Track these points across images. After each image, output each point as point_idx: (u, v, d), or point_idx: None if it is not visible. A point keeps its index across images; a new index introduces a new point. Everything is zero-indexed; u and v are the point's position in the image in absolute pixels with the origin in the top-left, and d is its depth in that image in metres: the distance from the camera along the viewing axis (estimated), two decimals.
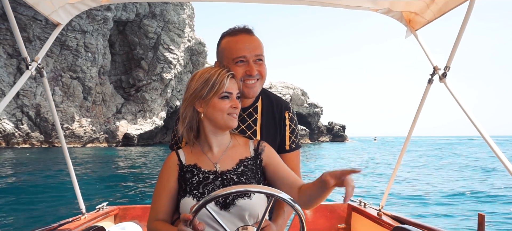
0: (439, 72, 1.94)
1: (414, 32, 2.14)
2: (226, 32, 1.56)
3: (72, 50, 33.83)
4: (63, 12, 2.01)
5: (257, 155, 1.43)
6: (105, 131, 37.99)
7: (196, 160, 1.40)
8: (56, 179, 11.33)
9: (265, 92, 1.71)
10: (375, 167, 19.27)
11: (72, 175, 2.41)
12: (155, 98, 42.58)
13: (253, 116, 1.63)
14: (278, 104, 1.68)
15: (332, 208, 2.92)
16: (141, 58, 41.62)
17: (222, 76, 1.33)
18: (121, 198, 8.64)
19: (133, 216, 2.76)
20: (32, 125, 31.68)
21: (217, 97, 1.33)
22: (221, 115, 1.34)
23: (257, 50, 1.50)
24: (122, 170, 15.28)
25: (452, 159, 25.29)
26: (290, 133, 1.66)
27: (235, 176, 1.34)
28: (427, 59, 2.06)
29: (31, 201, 7.82)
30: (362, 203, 2.82)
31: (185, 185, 1.34)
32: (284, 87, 64.64)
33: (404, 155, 2.45)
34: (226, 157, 1.40)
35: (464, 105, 1.78)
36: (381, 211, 2.51)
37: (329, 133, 70.37)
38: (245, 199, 1.25)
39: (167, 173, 1.39)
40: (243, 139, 1.50)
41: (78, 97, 35.43)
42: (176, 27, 42.85)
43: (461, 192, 10.45)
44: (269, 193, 1.05)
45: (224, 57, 1.51)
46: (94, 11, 33.72)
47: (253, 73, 1.47)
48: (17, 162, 17.41)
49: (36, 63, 1.90)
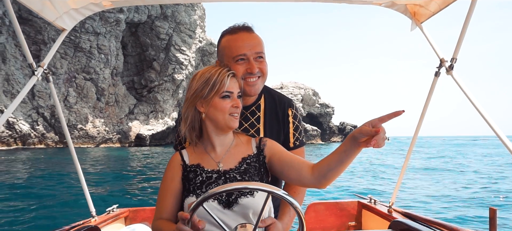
0: (446, 64, 1.90)
1: (419, 25, 2.10)
2: (226, 30, 1.56)
3: (86, 52, 34.40)
4: (68, 18, 2.01)
5: (259, 151, 1.42)
6: (118, 131, 38.51)
7: (199, 160, 1.40)
8: (69, 181, 11.49)
9: (268, 90, 1.69)
10: (379, 172, 16.43)
11: (82, 178, 2.42)
12: (167, 99, 42.95)
13: (256, 114, 1.63)
14: (281, 101, 1.67)
15: (341, 206, 2.90)
16: (153, 59, 42.05)
17: (222, 76, 1.33)
18: (137, 196, 8.71)
19: (143, 218, 2.77)
20: (47, 125, 32.33)
21: (218, 97, 1.33)
22: (222, 115, 1.34)
23: (257, 48, 1.49)
24: (140, 170, 15.43)
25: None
26: (293, 130, 1.65)
27: (238, 175, 1.34)
28: (433, 51, 2.03)
29: (43, 205, 7.92)
30: (372, 200, 2.79)
31: (188, 184, 1.35)
32: (295, 87, 64.41)
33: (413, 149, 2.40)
34: (229, 155, 1.40)
35: (472, 97, 1.73)
36: (392, 208, 2.48)
37: (341, 133, 69.78)
38: (248, 197, 1.25)
39: (171, 173, 1.40)
40: (245, 137, 1.49)
41: (91, 98, 36.00)
42: (187, 28, 43.14)
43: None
44: (265, 189, 1.03)
45: (225, 55, 1.50)
46: (107, 13, 34.22)
47: (254, 71, 1.46)
48: (33, 163, 17.77)
49: (42, 68, 1.91)
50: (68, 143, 2.33)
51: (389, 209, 2.47)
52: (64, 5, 1.89)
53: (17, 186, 10.36)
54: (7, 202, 7.84)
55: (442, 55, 1.95)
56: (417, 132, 2.35)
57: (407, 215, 2.34)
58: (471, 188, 11.66)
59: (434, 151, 39.72)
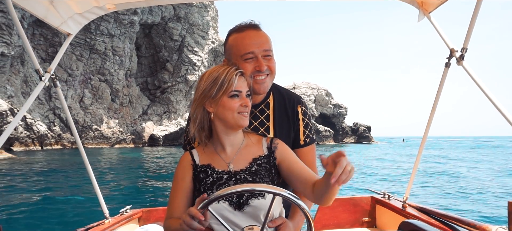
0: (456, 54, 1.83)
1: (427, 15, 2.02)
2: (232, 29, 1.53)
3: (101, 54, 35.02)
4: (72, 23, 2.01)
5: (270, 153, 1.40)
6: (132, 132, 39.05)
7: (210, 160, 1.38)
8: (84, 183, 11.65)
9: (276, 88, 1.66)
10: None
11: (94, 181, 2.42)
12: (179, 100, 43.33)
13: (265, 112, 1.60)
14: (290, 99, 1.64)
15: (355, 202, 2.85)
16: (166, 60, 42.49)
17: (230, 75, 1.31)
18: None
19: (156, 218, 2.76)
20: (63, 126, 33.03)
21: (226, 96, 1.31)
22: (231, 114, 1.31)
23: (265, 45, 1.46)
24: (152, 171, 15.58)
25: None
26: (304, 127, 1.62)
27: (248, 175, 1.32)
28: (442, 42, 1.96)
29: (58, 208, 8.04)
30: (386, 195, 2.73)
31: (199, 185, 1.34)
32: (308, 87, 64.11)
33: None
34: (239, 156, 1.38)
35: (485, 87, 1.67)
36: (406, 203, 2.43)
37: (354, 134, 69.05)
38: (259, 199, 1.25)
39: (182, 173, 1.38)
40: (256, 137, 1.47)
41: (106, 99, 36.62)
42: (200, 29, 43.44)
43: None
44: (273, 191, 1.04)
45: (232, 54, 1.48)
46: (121, 16, 34.75)
47: (262, 68, 1.44)
48: (49, 165, 18.13)
49: (49, 74, 1.91)
50: (79, 146, 2.32)
51: (403, 204, 2.43)
52: (68, 10, 1.89)
53: (35, 186, 10.58)
54: (24, 202, 8.00)
55: (452, 45, 1.89)
56: (429, 123, 2.30)
57: (422, 210, 2.31)
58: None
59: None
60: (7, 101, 27.03)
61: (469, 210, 8.25)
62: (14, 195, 9.08)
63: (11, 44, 26.08)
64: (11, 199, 8.53)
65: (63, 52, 2.03)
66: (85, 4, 1.91)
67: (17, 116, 1.69)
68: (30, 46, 1.86)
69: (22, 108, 1.71)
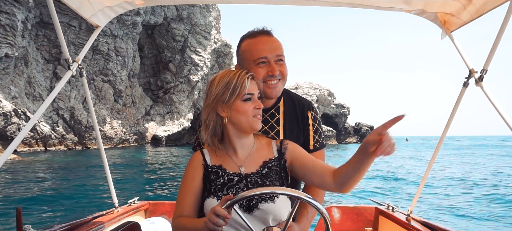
0: (476, 75, 1.82)
1: (449, 34, 2.03)
2: (245, 35, 1.58)
3: (104, 54, 35.11)
4: (102, 15, 2.06)
5: (280, 155, 1.42)
6: (135, 132, 39.12)
7: (221, 161, 1.40)
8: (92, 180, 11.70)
9: (287, 93, 1.70)
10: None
11: (107, 170, 2.47)
12: (182, 100, 43.40)
13: (276, 116, 1.63)
14: (300, 104, 1.68)
15: (358, 211, 2.85)
16: (169, 61, 42.57)
17: (242, 78, 1.32)
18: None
19: (162, 212, 2.81)
20: (67, 127, 33.11)
21: (239, 100, 1.31)
22: (245, 118, 1.32)
23: (278, 51, 1.51)
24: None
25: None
26: (313, 132, 1.66)
27: (259, 179, 1.34)
28: (462, 61, 1.96)
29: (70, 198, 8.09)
30: (390, 206, 2.71)
31: (209, 185, 1.35)
32: (310, 87, 64.09)
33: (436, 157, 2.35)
34: (251, 159, 1.40)
35: (502, 110, 1.67)
36: (410, 216, 2.40)
37: (357, 133, 68.98)
38: (269, 202, 1.26)
39: (192, 172, 1.39)
40: (266, 140, 1.49)
41: (109, 100, 36.70)
42: (202, 30, 43.50)
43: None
44: (299, 196, 1.09)
45: (245, 59, 1.52)
46: (124, 16, 34.84)
47: (275, 73, 1.48)
48: (55, 167, 18.18)
49: (76, 64, 1.95)
50: (96, 133, 2.37)
51: (407, 217, 2.39)
52: (100, 3, 1.93)
53: (44, 182, 10.63)
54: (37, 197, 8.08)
55: (472, 66, 1.88)
56: (441, 140, 2.29)
57: (426, 224, 2.28)
58: None
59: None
60: (11, 102, 27.11)
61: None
62: (25, 191, 9.16)
63: (15, 45, 26.15)
64: (23, 194, 8.62)
65: (91, 43, 2.10)
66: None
67: (46, 101, 1.71)
68: (62, 35, 1.92)
69: (50, 95, 1.75)
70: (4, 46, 25.27)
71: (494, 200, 9.79)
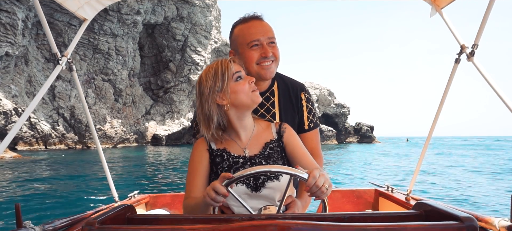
0: (467, 50, 1.84)
1: (439, 11, 2.04)
2: (237, 21, 1.64)
3: (104, 54, 35.12)
4: (89, 8, 2.05)
5: (279, 137, 1.48)
6: (135, 131, 39.13)
7: (225, 145, 1.44)
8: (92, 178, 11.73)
9: (280, 76, 1.76)
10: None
11: (105, 166, 2.47)
12: (182, 100, 43.41)
13: (271, 99, 1.69)
14: (293, 86, 1.74)
15: (359, 194, 2.87)
16: (169, 60, 42.57)
17: (225, 63, 1.38)
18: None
19: (163, 204, 2.81)
20: (67, 126, 33.15)
21: (232, 82, 1.36)
22: (244, 95, 1.37)
23: (269, 33, 1.57)
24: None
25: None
26: (307, 113, 1.72)
27: (262, 159, 1.40)
28: (453, 38, 1.98)
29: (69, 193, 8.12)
30: (390, 188, 2.75)
31: (216, 168, 1.40)
32: (311, 87, 64.03)
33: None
34: (253, 141, 1.45)
35: (495, 84, 1.67)
36: (409, 196, 2.44)
37: (357, 133, 68.90)
38: (274, 181, 1.33)
39: (199, 156, 1.44)
40: (265, 123, 1.55)
41: (109, 99, 36.72)
42: (203, 29, 43.50)
43: None
44: (294, 173, 1.14)
45: (238, 44, 1.59)
46: (124, 15, 34.84)
47: (268, 54, 1.54)
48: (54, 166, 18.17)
49: (66, 58, 1.95)
50: (91, 130, 2.36)
51: (407, 197, 2.43)
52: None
53: (46, 179, 10.67)
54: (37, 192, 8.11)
55: (463, 41, 1.90)
56: (436, 118, 2.31)
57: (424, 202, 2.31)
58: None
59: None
60: (12, 101, 27.15)
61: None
62: (24, 188, 9.21)
63: (15, 44, 26.19)
64: (22, 191, 8.66)
65: (79, 37, 2.08)
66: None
67: (35, 99, 1.70)
68: (49, 30, 1.89)
69: (41, 89, 1.75)
70: (5, 45, 25.30)
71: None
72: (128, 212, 1.15)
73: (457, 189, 10.35)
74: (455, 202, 7.79)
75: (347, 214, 1.02)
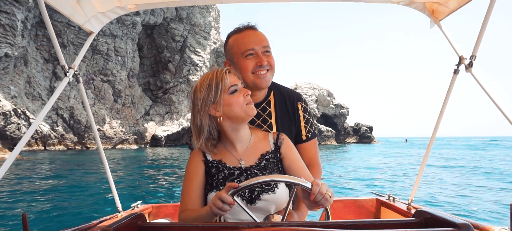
0: (465, 62, 1.87)
1: (438, 23, 2.07)
2: (231, 32, 1.65)
3: (103, 55, 35.13)
4: (95, 21, 2.08)
5: (276, 148, 1.46)
6: (134, 132, 39.12)
7: (221, 156, 1.44)
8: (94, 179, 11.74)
9: (276, 86, 1.75)
10: None
11: (109, 175, 2.47)
12: (181, 100, 43.40)
13: (267, 109, 1.68)
14: (290, 96, 1.73)
15: (360, 203, 2.87)
16: (168, 61, 42.57)
17: (220, 74, 1.37)
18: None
19: (165, 214, 2.82)
20: (66, 126, 33.13)
21: (226, 94, 1.36)
22: (239, 108, 1.36)
23: (264, 42, 1.57)
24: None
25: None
26: (305, 123, 1.71)
27: (258, 171, 1.38)
28: (452, 49, 2.00)
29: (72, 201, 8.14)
30: (391, 197, 2.74)
31: (211, 180, 1.39)
32: (310, 88, 64.08)
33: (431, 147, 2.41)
34: (249, 152, 1.44)
35: (493, 95, 1.70)
36: (410, 205, 2.44)
37: (356, 134, 68.95)
38: (270, 193, 1.31)
39: (194, 168, 1.43)
40: (262, 133, 1.53)
41: (108, 99, 36.71)
42: (202, 30, 43.51)
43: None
44: (300, 184, 1.13)
45: (233, 53, 1.58)
46: (124, 16, 34.84)
47: (263, 63, 1.54)
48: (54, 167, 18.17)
49: (73, 70, 1.98)
50: (97, 142, 2.38)
51: (408, 206, 2.44)
52: (92, 9, 1.97)
53: (48, 183, 10.69)
54: (38, 199, 8.12)
55: (461, 52, 1.93)
56: (436, 129, 2.33)
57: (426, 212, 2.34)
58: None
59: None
60: (11, 102, 27.15)
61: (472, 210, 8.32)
62: (30, 191, 9.21)
63: (14, 45, 26.19)
64: (28, 195, 8.67)
65: (86, 50, 2.11)
66: (108, 4, 1.99)
67: (43, 110, 1.75)
68: (58, 44, 1.93)
69: (48, 102, 1.78)
70: (4, 46, 25.30)
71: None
72: (139, 221, 1.19)
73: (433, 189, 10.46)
74: (455, 210, 7.79)
75: (349, 222, 1.05)
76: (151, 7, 2.11)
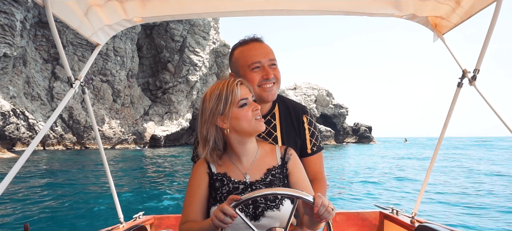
0: (469, 75, 1.87)
1: (441, 37, 2.08)
2: (237, 44, 1.63)
3: (102, 55, 35.09)
4: (102, 33, 2.10)
5: (284, 163, 1.43)
6: (133, 132, 39.10)
7: (226, 169, 1.40)
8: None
9: (281, 98, 1.74)
10: None
11: (112, 185, 2.47)
12: (181, 100, 43.38)
13: (272, 122, 1.67)
14: (295, 109, 1.71)
15: (363, 216, 2.84)
16: (167, 61, 42.55)
17: (231, 86, 1.34)
18: None
19: (167, 225, 2.80)
20: (65, 126, 33.10)
21: (235, 107, 1.33)
22: (247, 123, 1.34)
23: (270, 55, 1.56)
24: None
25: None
26: (310, 136, 1.68)
27: (264, 186, 1.35)
28: (455, 62, 2.00)
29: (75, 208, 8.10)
30: (394, 210, 2.72)
31: (215, 193, 1.36)
32: (309, 88, 64.16)
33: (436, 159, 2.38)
34: (255, 166, 1.40)
35: (496, 107, 1.71)
36: (414, 218, 2.43)
37: (355, 134, 69.06)
38: (274, 210, 1.28)
39: (198, 180, 1.40)
40: (269, 146, 1.50)
41: (108, 100, 36.68)
42: (201, 30, 43.49)
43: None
44: (303, 198, 1.14)
45: (239, 66, 1.56)
46: None
47: (269, 76, 1.52)
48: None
49: (79, 81, 1.99)
50: (101, 155, 2.38)
51: (412, 220, 2.42)
52: (99, 22, 1.97)
53: (47, 186, 10.65)
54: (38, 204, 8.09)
55: (465, 66, 1.92)
56: (439, 142, 2.32)
57: (430, 226, 2.31)
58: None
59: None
60: (10, 102, 27.10)
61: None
62: (31, 195, 9.16)
63: (13, 45, 26.14)
64: (28, 200, 8.61)
65: (92, 61, 2.12)
66: (115, 17, 1.99)
67: (49, 119, 1.76)
68: (65, 55, 1.94)
69: (54, 112, 1.79)
70: (3, 46, 25.25)
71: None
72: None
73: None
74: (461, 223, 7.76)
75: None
76: (157, 20, 2.11)
